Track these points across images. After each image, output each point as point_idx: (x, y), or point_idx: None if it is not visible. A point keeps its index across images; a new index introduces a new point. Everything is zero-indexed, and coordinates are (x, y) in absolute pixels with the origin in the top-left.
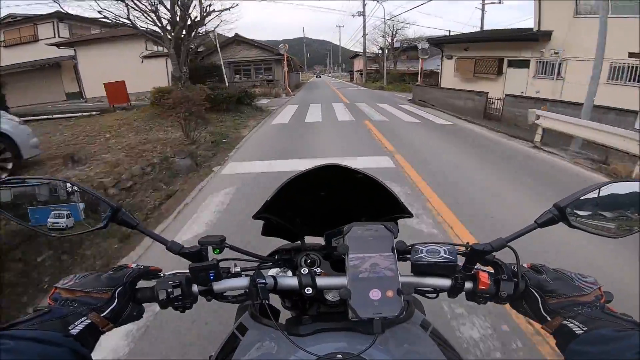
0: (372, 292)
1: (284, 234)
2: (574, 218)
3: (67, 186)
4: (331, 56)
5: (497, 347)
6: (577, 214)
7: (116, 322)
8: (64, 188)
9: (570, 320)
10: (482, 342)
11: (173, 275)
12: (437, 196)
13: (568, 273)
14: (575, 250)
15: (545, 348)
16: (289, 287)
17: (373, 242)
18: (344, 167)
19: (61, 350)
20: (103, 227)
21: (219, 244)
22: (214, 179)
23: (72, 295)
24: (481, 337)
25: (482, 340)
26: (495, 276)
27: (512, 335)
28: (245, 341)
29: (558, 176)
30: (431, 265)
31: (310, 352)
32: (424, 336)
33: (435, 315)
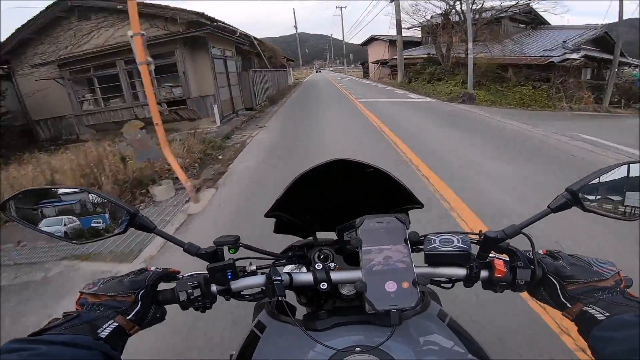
0: (387, 284)
1: (295, 230)
2: (588, 201)
3: (85, 194)
4: (331, 49)
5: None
6: (590, 197)
7: (141, 325)
8: (82, 195)
9: (591, 307)
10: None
11: (191, 276)
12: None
13: (585, 258)
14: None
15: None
16: (305, 283)
17: (385, 234)
18: (351, 160)
19: (92, 353)
20: (122, 232)
21: (233, 243)
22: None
23: (98, 300)
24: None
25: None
26: (510, 264)
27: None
28: (264, 339)
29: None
30: (445, 255)
31: (329, 346)
32: (442, 327)
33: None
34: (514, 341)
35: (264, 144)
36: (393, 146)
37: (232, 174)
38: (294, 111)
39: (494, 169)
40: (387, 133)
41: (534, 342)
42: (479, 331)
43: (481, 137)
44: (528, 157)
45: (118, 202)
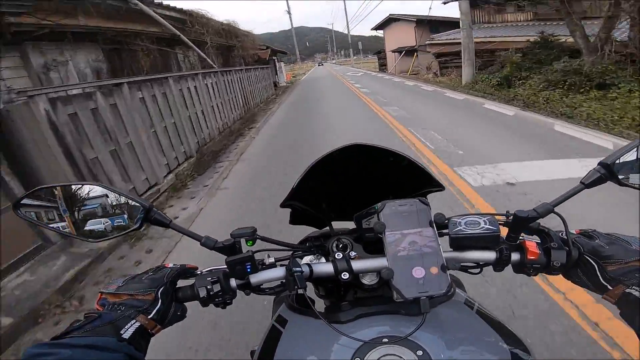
0: (415, 270)
1: (311, 221)
2: (623, 176)
3: (97, 189)
4: (334, 41)
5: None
6: (625, 170)
7: (163, 323)
8: (96, 191)
9: (635, 288)
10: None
11: (210, 272)
12: None
13: (622, 237)
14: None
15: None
16: (325, 274)
17: (409, 217)
18: (366, 145)
19: (117, 355)
20: (137, 228)
21: (251, 235)
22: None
23: (119, 299)
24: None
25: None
26: (543, 245)
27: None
28: (287, 333)
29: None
30: (472, 237)
31: (355, 338)
32: (472, 314)
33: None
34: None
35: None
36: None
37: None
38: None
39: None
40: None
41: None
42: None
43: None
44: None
45: (132, 197)
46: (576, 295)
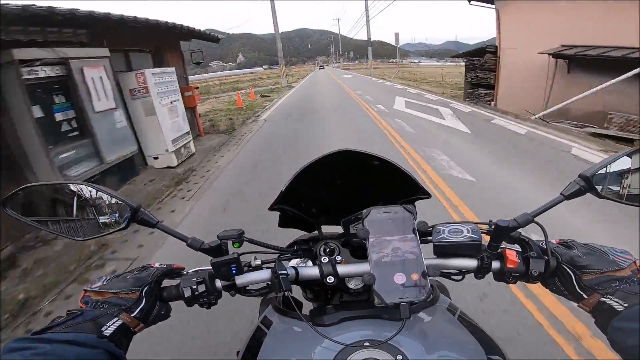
0: (396, 276)
1: (300, 224)
2: (602, 188)
3: (85, 188)
4: (339, 45)
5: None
6: (604, 183)
7: (146, 322)
8: (83, 190)
9: (609, 297)
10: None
11: (196, 272)
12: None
13: (600, 247)
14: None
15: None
16: (311, 277)
17: (393, 224)
18: (356, 151)
19: (96, 352)
20: (124, 227)
21: (237, 237)
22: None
23: (102, 297)
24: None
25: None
26: (523, 254)
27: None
28: (271, 334)
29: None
30: (455, 245)
31: (337, 341)
32: (453, 320)
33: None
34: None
35: None
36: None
37: None
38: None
39: None
40: None
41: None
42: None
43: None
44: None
45: (120, 197)
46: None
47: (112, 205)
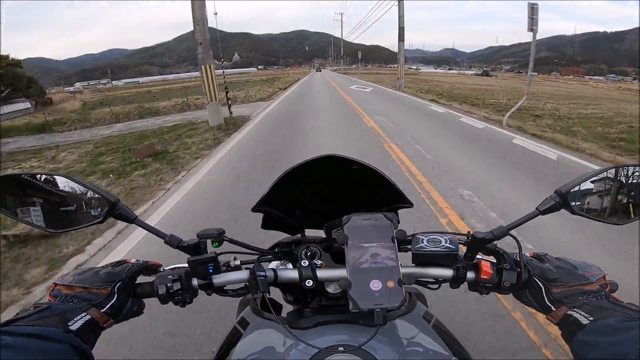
0: (372, 283)
1: (284, 227)
2: (577, 204)
3: (63, 180)
4: (341, 46)
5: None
6: (579, 200)
7: (116, 318)
8: (62, 182)
9: (576, 310)
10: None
11: (172, 269)
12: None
13: (571, 261)
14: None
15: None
16: (290, 280)
17: (373, 231)
18: (342, 157)
19: (61, 346)
20: (100, 221)
21: (217, 237)
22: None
23: (72, 291)
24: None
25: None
26: (497, 265)
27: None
28: (247, 335)
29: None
30: (432, 255)
31: (312, 345)
32: (427, 328)
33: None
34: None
35: None
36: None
37: None
38: None
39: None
40: None
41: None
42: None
43: None
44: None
45: (98, 190)
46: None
47: (90, 198)
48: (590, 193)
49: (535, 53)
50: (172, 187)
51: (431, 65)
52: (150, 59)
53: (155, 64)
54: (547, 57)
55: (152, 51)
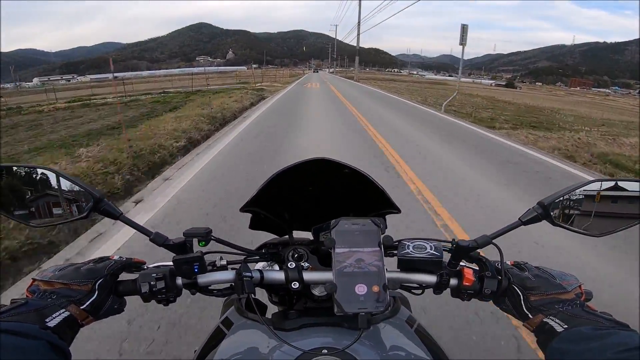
0: (357, 287)
1: (272, 228)
2: (558, 216)
3: (48, 174)
4: (334, 50)
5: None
6: (560, 212)
7: (96, 315)
8: (46, 176)
9: (551, 318)
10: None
11: (157, 267)
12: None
13: (550, 270)
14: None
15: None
16: (276, 281)
17: (360, 236)
18: (333, 161)
19: (37, 343)
20: (84, 217)
21: (204, 236)
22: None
23: (51, 287)
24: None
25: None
26: (479, 273)
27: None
28: (230, 335)
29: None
30: (417, 261)
31: (295, 347)
32: (410, 333)
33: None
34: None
35: None
36: None
37: None
38: None
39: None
40: None
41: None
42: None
43: None
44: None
45: (83, 185)
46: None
47: (75, 193)
48: (572, 205)
49: (462, 64)
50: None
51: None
52: (142, 53)
53: (145, 58)
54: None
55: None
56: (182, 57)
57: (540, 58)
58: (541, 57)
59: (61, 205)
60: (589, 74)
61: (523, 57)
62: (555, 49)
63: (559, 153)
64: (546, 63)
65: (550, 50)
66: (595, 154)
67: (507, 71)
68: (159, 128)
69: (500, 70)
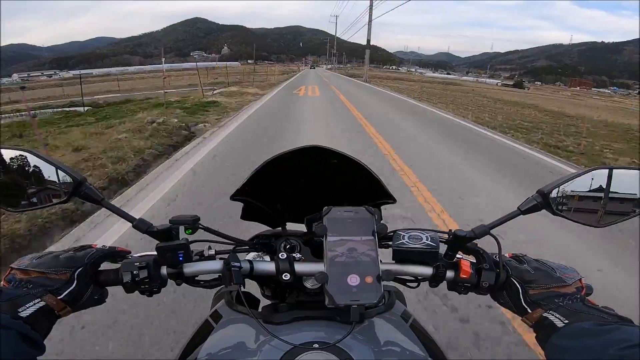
0: (350, 278)
1: (265, 219)
2: (558, 205)
3: (27, 155)
4: (332, 46)
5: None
6: (560, 201)
7: (75, 306)
8: (24, 157)
9: (551, 313)
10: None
11: (140, 257)
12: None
13: (549, 263)
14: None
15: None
16: (266, 272)
17: (353, 224)
18: (326, 148)
19: (8, 333)
20: (64, 201)
21: (191, 223)
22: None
23: (27, 276)
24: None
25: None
26: (477, 265)
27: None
28: (218, 329)
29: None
30: (413, 252)
31: (285, 341)
32: (405, 328)
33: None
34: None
35: None
36: None
37: None
38: None
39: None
40: None
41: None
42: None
43: None
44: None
45: (64, 167)
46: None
47: (55, 176)
48: (572, 194)
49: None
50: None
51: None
52: (135, 48)
53: (138, 53)
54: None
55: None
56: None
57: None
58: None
59: (40, 189)
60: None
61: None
62: (553, 48)
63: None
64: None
65: (548, 50)
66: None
67: (505, 70)
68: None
69: (498, 69)
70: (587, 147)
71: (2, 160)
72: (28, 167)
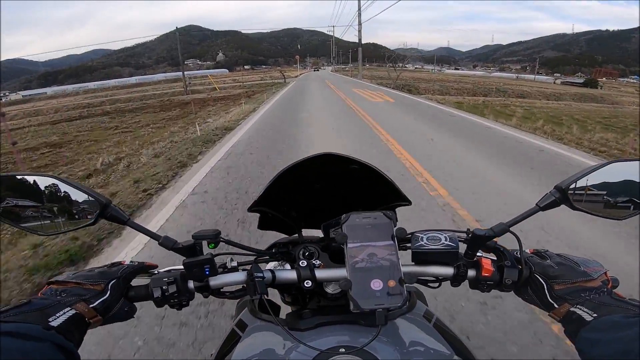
0: (373, 283)
1: (280, 227)
2: (577, 200)
3: (53, 181)
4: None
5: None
6: (579, 195)
7: (105, 316)
8: (51, 183)
9: (579, 307)
10: None
11: (168, 272)
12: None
13: (572, 257)
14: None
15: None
16: (288, 281)
17: (372, 230)
18: (339, 155)
19: (42, 345)
20: (92, 223)
21: (213, 238)
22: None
23: (63, 286)
24: None
25: None
26: (498, 263)
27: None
28: (245, 338)
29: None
30: (432, 253)
31: (312, 347)
32: (428, 327)
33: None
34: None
35: None
36: None
37: None
38: None
39: None
40: None
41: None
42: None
43: None
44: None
45: (89, 191)
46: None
47: (81, 200)
48: (590, 188)
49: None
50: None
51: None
52: (127, 59)
53: (131, 64)
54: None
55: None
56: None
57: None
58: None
59: (68, 213)
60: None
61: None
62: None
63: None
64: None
65: (552, 40)
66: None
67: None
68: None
69: (504, 61)
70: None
71: (28, 186)
72: (54, 192)
